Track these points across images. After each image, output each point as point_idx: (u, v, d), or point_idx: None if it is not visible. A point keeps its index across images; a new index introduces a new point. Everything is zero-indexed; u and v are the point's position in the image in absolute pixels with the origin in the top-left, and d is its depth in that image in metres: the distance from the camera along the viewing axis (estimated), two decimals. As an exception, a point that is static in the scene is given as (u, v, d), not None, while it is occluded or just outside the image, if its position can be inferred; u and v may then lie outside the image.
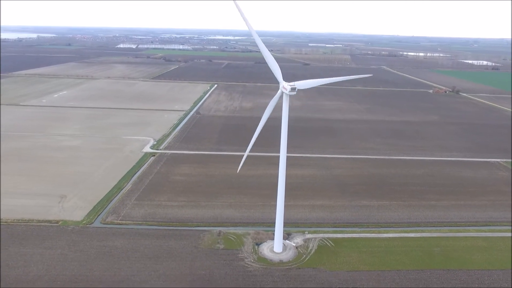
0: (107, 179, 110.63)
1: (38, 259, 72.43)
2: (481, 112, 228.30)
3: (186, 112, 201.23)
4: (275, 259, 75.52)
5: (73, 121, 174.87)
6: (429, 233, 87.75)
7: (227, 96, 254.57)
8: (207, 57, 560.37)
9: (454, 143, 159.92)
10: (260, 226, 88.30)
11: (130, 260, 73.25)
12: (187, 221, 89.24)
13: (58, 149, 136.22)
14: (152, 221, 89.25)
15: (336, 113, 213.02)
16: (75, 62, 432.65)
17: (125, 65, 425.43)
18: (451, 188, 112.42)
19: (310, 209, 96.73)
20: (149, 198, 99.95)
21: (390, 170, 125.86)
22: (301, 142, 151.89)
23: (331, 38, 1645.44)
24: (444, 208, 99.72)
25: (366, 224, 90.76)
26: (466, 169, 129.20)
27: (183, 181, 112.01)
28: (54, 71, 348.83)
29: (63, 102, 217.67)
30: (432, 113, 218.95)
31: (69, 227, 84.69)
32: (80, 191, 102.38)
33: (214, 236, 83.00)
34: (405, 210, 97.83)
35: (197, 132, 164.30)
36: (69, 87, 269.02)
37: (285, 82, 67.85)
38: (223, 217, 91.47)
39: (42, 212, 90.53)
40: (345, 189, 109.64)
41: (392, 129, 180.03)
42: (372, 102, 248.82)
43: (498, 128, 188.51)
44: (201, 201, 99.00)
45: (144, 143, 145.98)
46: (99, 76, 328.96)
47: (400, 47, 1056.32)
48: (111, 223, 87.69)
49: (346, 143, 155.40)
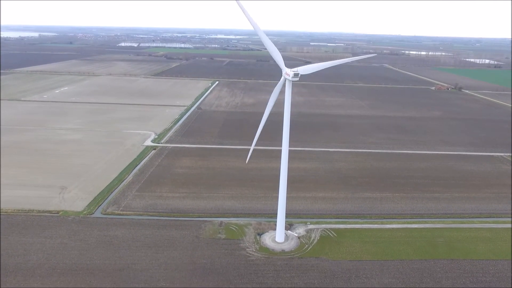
0: (108, 171, 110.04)
1: (38, 248, 71.87)
2: (483, 108, 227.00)
3: (187, 108, 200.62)
4: (277, 248, 74.78)
5: (74, 116, 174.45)
6: (432, 224, 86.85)
7: (229, 92, 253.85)
8: (208, 55, 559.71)
9: (457, 138, 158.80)
10: (262, 217, 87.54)
11: (131, 249, 72.62)
12: (188, 212, 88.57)
13: (59, 142, 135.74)
14: (153, 211, 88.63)
15: (338, 108, 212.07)
16: (76, 60, 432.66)
17: (127, 62, 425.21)
18: (454, 181, 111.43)
19: (312, 201, 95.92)
20: (150, 190, 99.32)
21: (393, 164, 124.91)
22: (303, 136, 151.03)
23: (333, 37, 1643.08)
24: (448, 200, 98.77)
25: (369, 216, 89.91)
26: (469, 163, 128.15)
27: (184, 173, 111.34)
28: (56, 68, 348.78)
29: (64, 97, 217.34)
30: (435, 109, 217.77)
31: (69, 217, 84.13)
32: (81, 183, 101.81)
33: (216, 226, 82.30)
34: (408, 202, 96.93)
35: (199, 127, 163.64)
36: (70, 83, 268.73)
37: (288, 69, 67.13)
38: (224, 208, 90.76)
39: (42, 202, 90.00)
40: (347, 181, 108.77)
41: (395, 124, 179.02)
42: (374, 98, 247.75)
43: (501, 123, 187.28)
44: (202, 193, 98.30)
45: (146, 137, 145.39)
46: (101, 73, 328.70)
47: (402, 46, 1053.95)
48: (111, 214, 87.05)
49: (348, 137, 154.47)
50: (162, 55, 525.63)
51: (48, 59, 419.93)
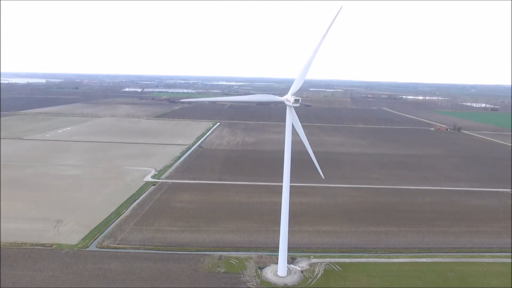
0: (106, 205, 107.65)
1: (27, 281, 68.29)
2: (484, 147, 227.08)
3: (188, 146, 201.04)
4: (280, 283, 70.94)
5: (75, 153, 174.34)
6: (441, 258, 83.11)
7: (230, 132, 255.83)
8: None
9: (460, 174, 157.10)
10: (263, 250, 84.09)
11: (125, 282, 68.90)
12: (187, 246, 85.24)
13: (58, 177, 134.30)
14: (150, 245, 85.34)
15: (339, 147, 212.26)
16: (81, 103, 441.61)
17: (130, 105, 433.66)
18: (461, 215, 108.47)
19: (315, 235, 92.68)
20: (148, 223, 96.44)
21: (396, 198, 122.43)
22: (305, 172, 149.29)
23: (331, 84, 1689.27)
24: (456, 235, 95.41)
25: (375, 250, 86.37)
26: (474, 198, 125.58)
27: (184, 207, 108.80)
28: (60, 110, 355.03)
29: (66, 136, 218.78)
30: (435, 148, 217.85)
31: (63, 251, 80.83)
32: (77, 216, 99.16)
33: (215, 260, 78.77)
34: (415, 236, 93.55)
35: (199, 163, 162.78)
36: (74, 123, 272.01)
37: (288, 95, 67.98)
38: (224, 242, 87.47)
39: (36, 235, 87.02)
40: (351, 215, 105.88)
41: (396, 161, 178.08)
42: (374, 138, 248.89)
43: (503, 160, 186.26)
44: (202, 226, 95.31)
45: (146, 173, 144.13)
46: (104, 114, 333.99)
47: (399, 91, 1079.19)
48: (107, 247, 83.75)
49: (350, 174, 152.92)
50: (165, 99, 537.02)
51: (53, 102, 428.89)
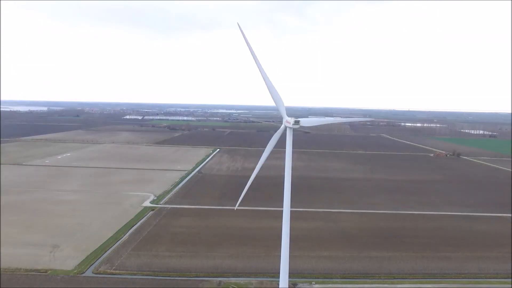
0: (104, 231, 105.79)
1: (20, 308, 65.92)
2: (484, 172, 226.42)
3: (188, 172, 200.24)
4: (281, 309, 68.47)
5: (73, 178, 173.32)
6: (446, 284, 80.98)
7: (230, 158, 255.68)
8: (210, 126, 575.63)
9: (462, 199, 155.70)
10: (263, 276, 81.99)
11: (121, 309, 66.54)
12: (185, 271, 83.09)
13: (56, 202, 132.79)
14: (148, 270, 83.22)
15: (339, 172, 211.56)
16: (82, 130, 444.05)
17: (130, 132, 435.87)
18: (465, 241, 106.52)
19: (316, 260, 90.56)
20: (146, 249, 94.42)
21: (399, 224, 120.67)
22: (305, 197, 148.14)
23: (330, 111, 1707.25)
24: (461, 260, 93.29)
25: (378, 275, 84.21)
26: (477, 223, 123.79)
27: (183, 232, 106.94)
28: (61, 137, 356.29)
29: (66, 162, 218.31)
30: (436, 173, 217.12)
31: (58, 276, 78.65)
32: (74, 242, 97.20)
33: (214, 286, 76.68)
34: (419, 262, 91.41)
35: (199, 189, 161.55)
36: (74, 149, 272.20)
37: (288, 117, 68.27)
38: (224, 267, 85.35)
39: (31, 261, 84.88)
40: (353, 240, 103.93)
41: (397, 187, 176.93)
42: (374, 163, 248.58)
43: (505, 185, 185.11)
44: (200, 252, 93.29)
45: (144, 198, 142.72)
46: (104, 141, 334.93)
47: (397, 119, 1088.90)
48: (103, 273, 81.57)
49: (351, 199, 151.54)
50: (165, 126, 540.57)
51: (54, 129, 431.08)
